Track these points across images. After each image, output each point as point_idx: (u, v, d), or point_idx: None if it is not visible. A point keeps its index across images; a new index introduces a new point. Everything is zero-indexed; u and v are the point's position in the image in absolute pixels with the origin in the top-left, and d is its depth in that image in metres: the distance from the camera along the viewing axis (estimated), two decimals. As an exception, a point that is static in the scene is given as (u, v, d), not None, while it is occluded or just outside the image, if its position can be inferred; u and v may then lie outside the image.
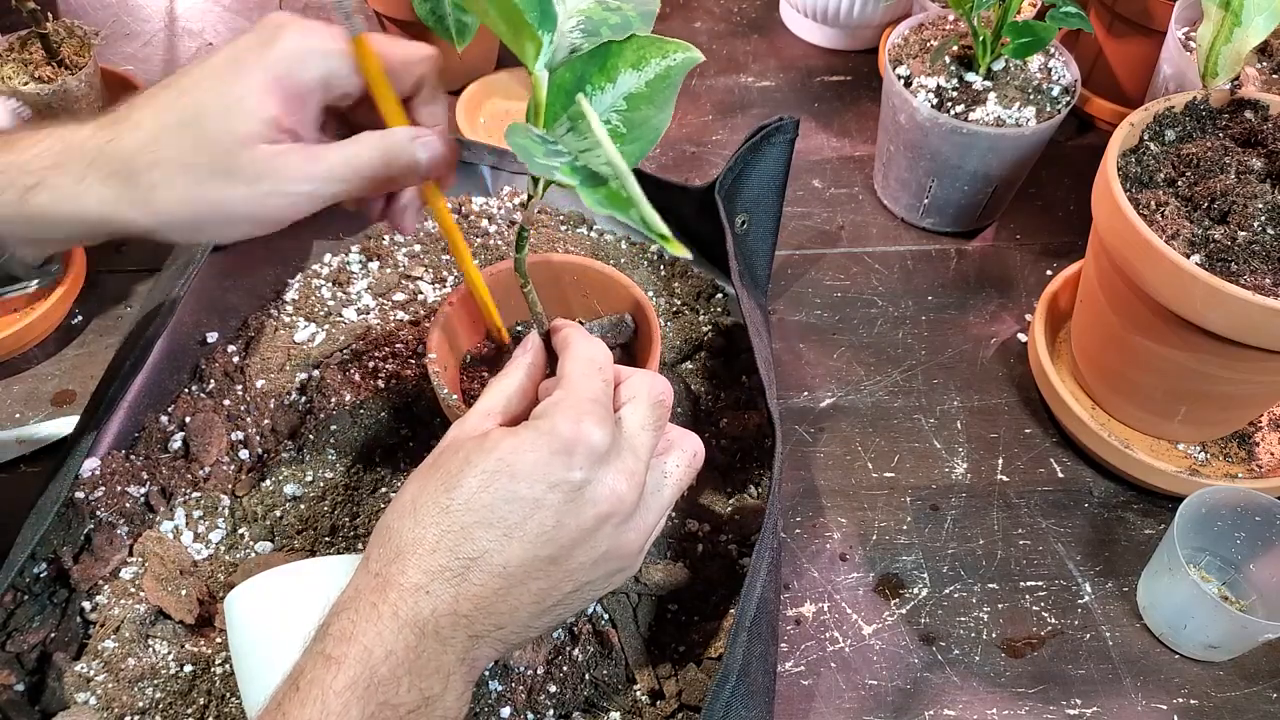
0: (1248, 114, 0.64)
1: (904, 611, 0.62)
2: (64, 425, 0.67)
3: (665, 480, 0.45)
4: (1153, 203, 0.59)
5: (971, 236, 0.84)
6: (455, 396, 0.57)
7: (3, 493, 0.65)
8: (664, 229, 0.34)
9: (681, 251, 0.36)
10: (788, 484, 0.67)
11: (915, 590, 0.63)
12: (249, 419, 0.65)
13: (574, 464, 0.41)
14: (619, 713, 0.54)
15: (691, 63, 0.47)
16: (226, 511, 0.61)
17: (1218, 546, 0.63)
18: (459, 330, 0.62)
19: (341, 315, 0.71)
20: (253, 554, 0.59)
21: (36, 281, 0.46)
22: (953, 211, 0.81)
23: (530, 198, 0.47)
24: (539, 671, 0.54)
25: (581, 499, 0.41)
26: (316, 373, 0.68)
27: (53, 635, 0.55)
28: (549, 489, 0.40)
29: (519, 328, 0.65)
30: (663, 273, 0.74)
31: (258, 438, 0.64)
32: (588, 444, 0.41)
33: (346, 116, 0.49)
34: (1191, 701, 0.59)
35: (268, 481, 0.62)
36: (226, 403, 0.66)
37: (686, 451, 0.46)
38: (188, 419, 0.64)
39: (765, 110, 0.94)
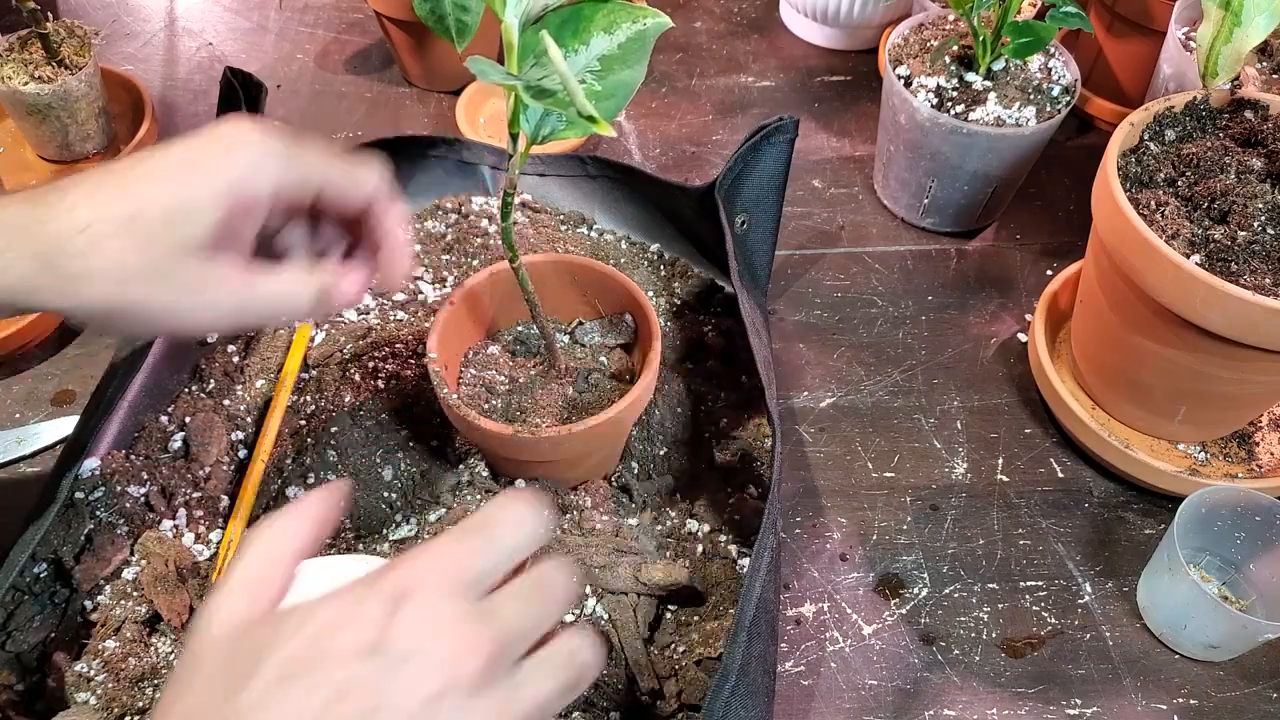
0: (1248, 114, 0.64)
1: (904, 611, 0.62)
2: (64, 425, 0.67)
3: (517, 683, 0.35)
4: (1153, 203, 0.59)
5: (971, 236, 0.84)
6: (455, 396, 0.57)
7: (3, 493, 0.65)
8: (593, 112, 0.38)
9: (608, 131, 0.38)
10: (788, 484, 0.67)
11: (915, 590, 0.63)
12: (249, 419, 0.65)
13: (372, 596, 0.33)
14: (619, 713, 0.54)
15: (661, 28, 0.48)
16: (227, 511, 0.61)
17: (1218, 546, 0.63)
18: (459, 330, 0.62)
19: (341, 315, 0.71)
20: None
21: None
22: (953, 211, 0.81)
23: (510, 157, 0.48)
24: (539, 671, 0.54)
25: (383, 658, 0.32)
26: (316, 373, 0.68)
27: (53, 635, 0.55)
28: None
29: (519, 328, 0.66)
30: (663, 273, 0.74)
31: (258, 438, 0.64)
32: (394, 578, 0.34)
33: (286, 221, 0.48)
34: (1191, 701, 0.59)
35: (269, 483, 0.62)
36: (226, 403, 0.66)
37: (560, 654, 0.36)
38: (188, 419, 0.64)
39: (765, 110, 0.94)
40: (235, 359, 0.69)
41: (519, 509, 0.37)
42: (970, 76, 0.75)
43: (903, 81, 0.77)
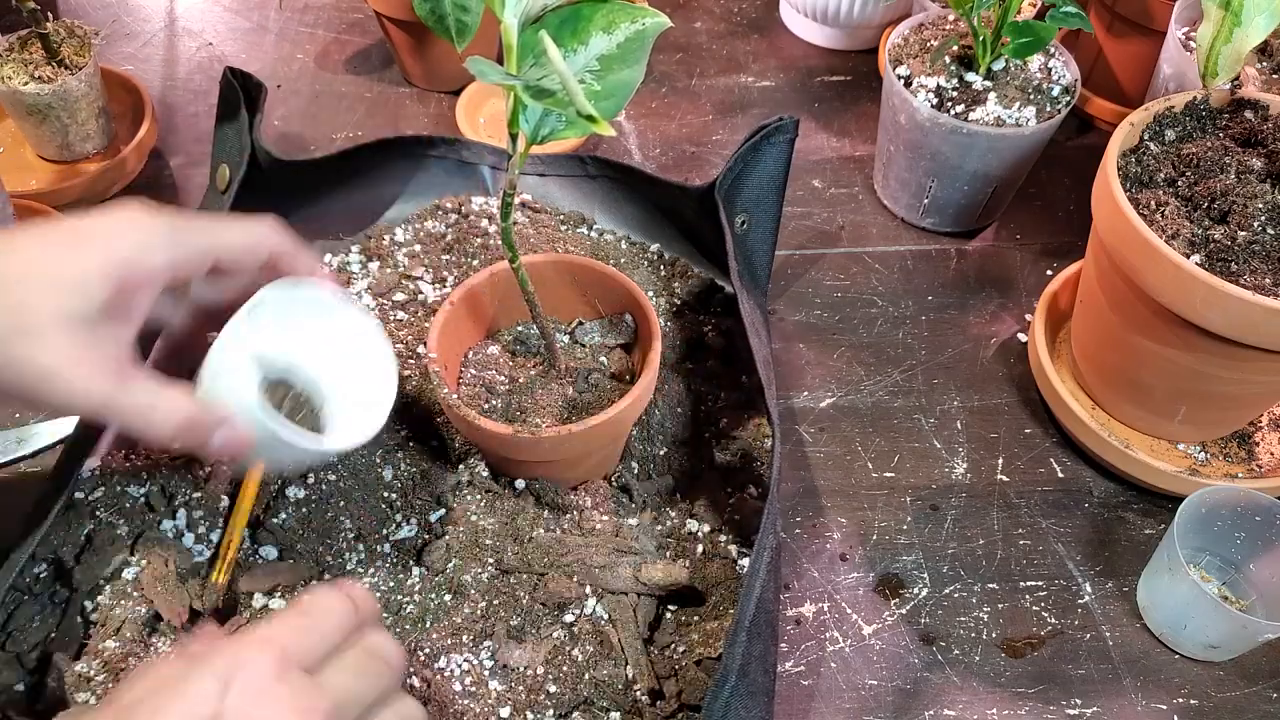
0: (1248, 114, 0.64)
1: (904, 611, 0.62)
2: (64, 425, 0.67)
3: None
4: (1153, 203, 0.59)
5: (971, 236, 0.84)
6: (455, 396, 0.57)
7: (3, 493, 0.65)
8: (592, 111, 0.38)
9: (608, 130, 0.38)
10: (788, 484, 0.67)
11: (915, 590, 0.63)
12: (249, 419, 0.65)
13: (205, 673, 0.35)
14: (619, 713, 0.54)
15: (660, 27, 0.49)
16: (227, 511, 0.61)
17: (1218, 546, 0.63)
18: (459, 330, 0.62)
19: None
20: (256, 557, 0.59)
21: None
22: (953, 211, 0.81)
23: (510, 157, 0.48)
24: (539, 671, 0.54)
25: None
26: (316, 373, 0.68)
27: (53, 635, 0.55)
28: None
29: (519, 328, 0.66)
30: (663, 273, 0.74)
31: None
32: (230, 657, 0.36)
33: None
34: (1191, 701, 0.59)
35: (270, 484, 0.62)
36: (226, 403, 0.66)
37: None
38: (188, 419, 0.64)
39: (765, 110, 0.94)
40: (235, 359, 0.69)
41: (331, 598, 0.40)
42: (970, 76, 0.75)
43: (903, 81, 0.77)
